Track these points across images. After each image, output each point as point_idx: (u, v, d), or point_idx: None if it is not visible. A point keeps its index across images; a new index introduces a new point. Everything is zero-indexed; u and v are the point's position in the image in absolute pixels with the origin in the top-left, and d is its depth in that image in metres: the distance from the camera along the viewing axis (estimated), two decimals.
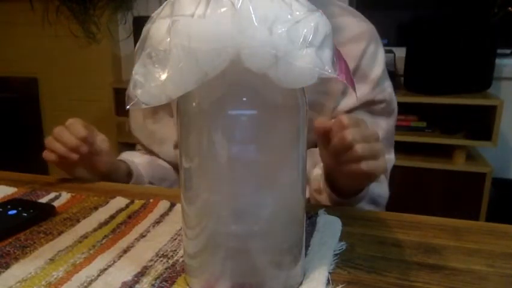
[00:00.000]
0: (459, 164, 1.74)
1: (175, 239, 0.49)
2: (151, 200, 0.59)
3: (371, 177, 0.57)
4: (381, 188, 0.74)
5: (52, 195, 0.62)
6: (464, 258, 0.47)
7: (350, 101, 0.72)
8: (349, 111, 0.73)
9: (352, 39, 0.72)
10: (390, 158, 0.76)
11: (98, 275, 0.42)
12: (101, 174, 0.72)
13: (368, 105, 0.73)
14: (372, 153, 0.55)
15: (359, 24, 0.74)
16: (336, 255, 0.46)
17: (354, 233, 0.52)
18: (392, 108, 0.76)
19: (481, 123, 1.73)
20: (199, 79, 0.31)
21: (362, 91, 0.73)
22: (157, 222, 0.53)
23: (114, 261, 0.44)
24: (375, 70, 0.73)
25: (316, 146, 0.77)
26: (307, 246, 0.47)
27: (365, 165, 0.54)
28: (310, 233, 0.50)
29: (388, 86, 0.76)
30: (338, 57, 0.35)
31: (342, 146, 0.54)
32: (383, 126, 0.75)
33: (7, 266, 0.43)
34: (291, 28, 0.30)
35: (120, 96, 2.06)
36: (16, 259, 0.45)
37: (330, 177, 0.63)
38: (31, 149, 2.49)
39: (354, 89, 0.36)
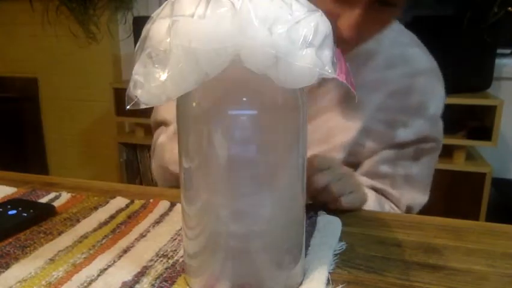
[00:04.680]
0: (459, 164, 1.74)
1: (175, 239, 0.49)
2: (151, 200, 0.59)
3: (352, 210, 0.59)
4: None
5: (52, 195, 0.62)
6: (464, 258, 0.47)
7: (407, 134, 0.71)
8: (402, 144, 0.71)
9: (422, 72, 0.71)
10: (421, 198, 0.75)
11: (98, 275, 0.42)
12: None
13: (421, 142, 0.72)
14: (349, 189, 0.58)
15: (428, 58, 0.73)
16: (336, 255, 0.46)
17: (354, 233, 0.52)
18: (439, 148, 0.75)
19: (481, 123, 1.73)
20: (199, 79, 0.31)
21: (420, 126, 0.71)
22: (157, 222, 0.53)
23: (114, 261, 0.44)
24: (437, 107, 0.73)
25: None
26: (307, 246, 0.47)
27: (344, 202, 0.57)
28: (310, 233, 0.50)
29: (441, 124, 0.75)
30: (338, 58, 0.35)
31: (316, 190, 0.57)
32: (424, 164, 0.73)
33: (7, 266, 0.43)
34: (291, 28, 0.30)
35: (120, 96, 2.06)
36: (16, 259, 0.45)
37: None
38: (31, 149, 2.50)
39: (354, 89, 0.36)
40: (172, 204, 0.58)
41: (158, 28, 0.32)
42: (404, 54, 0.71)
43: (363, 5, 0.55)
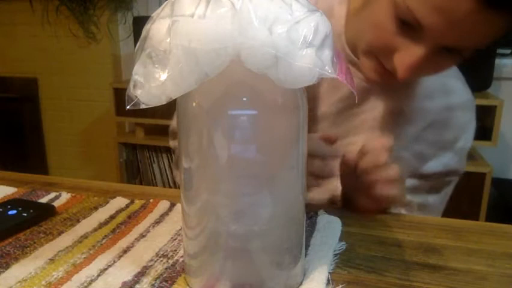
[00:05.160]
0: None
1: (175, 239, 0.49)
2: (151, 200, 0.59)
3: (395, 202, 0.56)
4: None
5: (52, 195, 0.62)
6: (464, 258, 0.47)
7: (434, 166, 0.69)
8: (427, 175, 0.69)
9: (460, 106, 0.69)
10: None
11: (98, 275, 0.42)
12: None
13: (446, 175, 0.71)
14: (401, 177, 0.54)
15: (466, 91, 0.71)
16: (336, 255, 0.46)
17: (354, 233, 0.52)
18: (457, 180, 0.74)
19: (481, 123, 1.73)
20: (199, 79, 0.31)
21: (449, 159, 0.70)
22: (157, 222, 0.54)
23: (114, 261, 0.44)
24: (468, 141, 0.71)
25: None
26: (307, 246, 0.47)
27: (393, 188, 0.53)
28: (310, 233, 0.50)
29: (466, 156, 0.74)
30: (338, 58, 0.35)
31: (374, 165, 0.53)
32: (442, 194, 0.73)
33: (7, 266, 0.43)
34: (291, 28, 0.30)
35: (120, 96, 2.06)
36: (16, 259, 0.45)
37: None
38: (31, 149, 2.50)
39: (354, 89, 0.36)
40: (172, 204, 0.58)
41: (158, 28, 0.32)
42: (444, 85, 0.69)
43: (429, 45, 0.51)
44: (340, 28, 0.65)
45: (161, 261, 0.44)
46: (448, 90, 0.69)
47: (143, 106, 0.32)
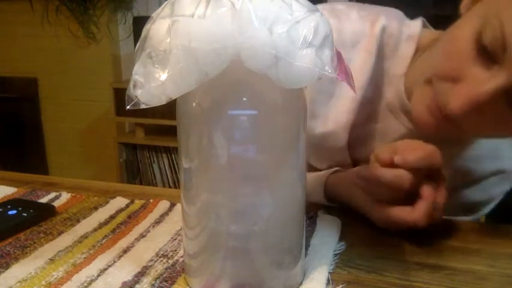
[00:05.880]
0: None
1: (175, 239, 0.49)
2: (151, 200, 0.59)
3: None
4: None
5: (52, 195, 0.62)
6: (464, 258, 0.47)
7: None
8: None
9: (506, 175, 0.66)
10: None
11: (98, 275, 0.42)
12: None
13: None
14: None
15: None
16: (336, 255, 0.46)
17: (354, 233, 0.52)
18: None
19: None
20: (199, 79, 0.31)
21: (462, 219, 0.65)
22: (157, 222, 0.54)
23: (114, 261, 0.44)
24: (486, 211, 0.68)
25: None
26: (307, 246, 0.47)
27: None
28: (310, 233, 0.50)
29: None
30: (338, 58, 0.35)
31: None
32: None
33: (7, 266, 0.43)
34: (291, 28, 0.30)
35: (120, 96, 2.06)
36: (16, 259, 0.45)
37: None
38: (31, 149, 2.50)
39: (354, 90, 0.36)
40: (172, 204, 0.58)
41: (158, 28, 0.32)
42: (496, 151, 0.63)
43: (502, 82, 0.41)
44: (401, 69, 0.59)
45: (161, 261, 0.44)
46: (499, 155, 0.64)
47: (143, 106, 0.32)
